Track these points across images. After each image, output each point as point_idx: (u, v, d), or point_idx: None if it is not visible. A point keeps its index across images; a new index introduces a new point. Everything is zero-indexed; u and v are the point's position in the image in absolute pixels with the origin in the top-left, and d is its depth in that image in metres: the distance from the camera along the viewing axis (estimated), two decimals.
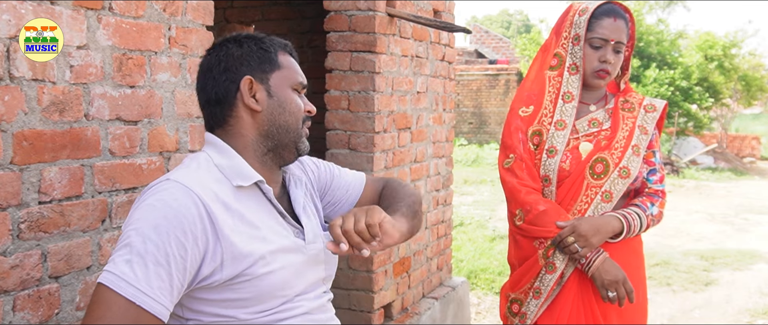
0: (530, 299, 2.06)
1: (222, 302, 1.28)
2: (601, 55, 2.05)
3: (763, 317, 5.00)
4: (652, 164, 2.11)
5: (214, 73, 1.38)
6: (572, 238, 1.95)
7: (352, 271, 3.27)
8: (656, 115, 2.12)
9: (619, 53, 2.07)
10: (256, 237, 1.29)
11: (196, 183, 1.26)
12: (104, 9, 1.65)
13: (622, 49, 2.08)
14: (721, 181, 13.58)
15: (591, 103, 2.14)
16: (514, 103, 2.19)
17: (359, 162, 3.21)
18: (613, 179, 2.01)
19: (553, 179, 2.05)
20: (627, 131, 2.06)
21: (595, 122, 2.11)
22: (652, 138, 2.12)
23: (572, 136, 2.08)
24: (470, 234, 7.37)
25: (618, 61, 2.07)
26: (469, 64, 20.12)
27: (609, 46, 2.04)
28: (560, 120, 2.08)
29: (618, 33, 2.04)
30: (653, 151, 2.13)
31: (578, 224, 1.95)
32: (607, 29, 2.04)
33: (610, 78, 2.09)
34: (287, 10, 4.48)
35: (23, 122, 1.47)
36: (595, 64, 2.06)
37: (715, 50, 16.04)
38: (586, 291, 2.01)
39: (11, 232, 1.45)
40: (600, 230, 1.97)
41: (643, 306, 2.12)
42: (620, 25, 2.05)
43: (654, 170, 2.11)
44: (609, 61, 2.04)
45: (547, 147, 2.06)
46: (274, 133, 1.39)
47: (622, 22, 2.05)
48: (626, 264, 2.03)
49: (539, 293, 2.03)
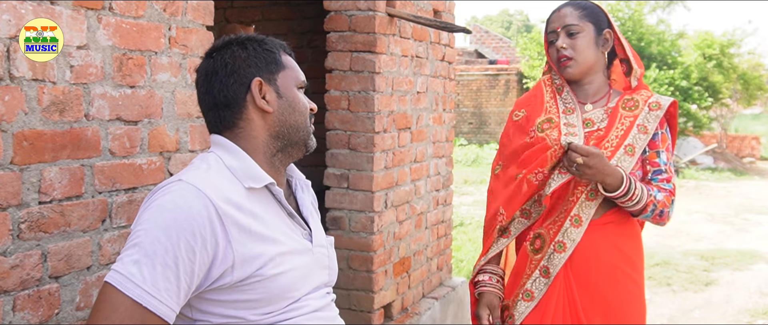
0: (520, 302, 2.05)
1: (231, 303, 1.28)
2: (557, 45, 2.06)
3: (763, 317, 5.00)
4: (656, 165, 2.05)
5: (221, 76, 1.37)
6: (581, 160, 1.89)
7: (352, 271, 3.27)
8: (660, 113, 2.04)
9: (573, 35, 2.04)
10: (267, 239, 1.30)
11: (207, 185, 1.25)
12: (104, 9, 1.65)
13: (578, 30, 2.03)
14: (720, 181, 13.58)
15: (587, 102, 2.11)
16: (512, 109, 2.25)
17: (359, 162, 3.21)
18: None
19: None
20: (622, 131, 2.02)
21: (590, 122, 2.08)
22: (656, 138, 2.05)
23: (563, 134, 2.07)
24: (470, 234, 7.37)
25: (577, 44, 2.04)
26: (469, 64, 20.13)
27: (560, 35, 2.05)
28: (549, 118, 2.10)
29: (561, 18, 2.06)
30: (657, 151, 2.05)
31: (593, 154, 1.89)
32: (553, 21, 2.08)
33: (578, 64, 2.04)
34: (287, 10, 4.49)
35: (23, 122, 1.47)
36: (554, 55, 2.07)
37: (713, 49, 16.04)
38: (570, 291, 2.01)
39: (11, 232, 1.45)
40: (603, 171, 1.90)
41: (639, 307, 2.08)
42: (564, 12, 2.06)
43: (659, 170, 2.05)
44: (560, 46, 2.04)
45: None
46: (284, 134, 1.39)
47: (568, 8, 2.07)
48: (626, 263, 2.02)
49: (531, 296, 2.03)
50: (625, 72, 2.17)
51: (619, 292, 2.02)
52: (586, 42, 2.04)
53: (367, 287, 3.26)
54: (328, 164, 3.29)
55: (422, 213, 3.78)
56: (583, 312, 2.00)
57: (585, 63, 2.05)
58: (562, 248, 2.00)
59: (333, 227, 3.28)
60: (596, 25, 2.07)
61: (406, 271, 3.62)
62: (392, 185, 3.39)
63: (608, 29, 2.09)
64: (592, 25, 2.05)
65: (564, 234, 2.00)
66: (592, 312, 2.00)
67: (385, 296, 3.38)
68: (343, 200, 3.27)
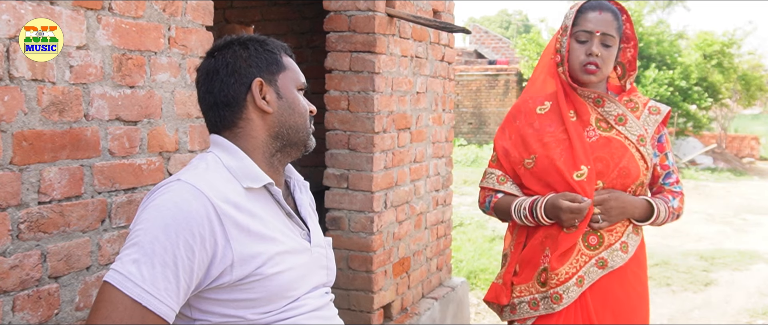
0: (571, 287, 1.99)
1: (231, 303, 1.28)
2: (587, 48, 2.01)
3: (762, 318, 5.00)
4: (667, 168, 2.11)
5: (222, 75, 1.37)
6: (598, 209, 1.97)
7: (352, 271, 3.27)
8: (659, 118, 2.09)
9: (608, 47, 2.01)
10: (266, 238, 1.30)
11: (205, 184, 1.26)
12: (104, 9, 1.65)
13: (612, 43, 2.02)
14: (720, 181, 13.58)
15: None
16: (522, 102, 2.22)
17: (359, 162, 3.21)
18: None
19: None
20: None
21: (599, 118, 2.08)
22: (662, 140, 2.11)
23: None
24: (470, 234, 7.37)
25: (608, 56, 2.02)
26: (468, 64, 20.13)
27: (595, 38, 2.00)
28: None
29: (604, 25, 2.00)
30: (666, 153, 2.12)
31: (607, 199, 1.97)
32: (592, 22, 2.01)
33: (602, 74, 2.03)
34: (287, 10, 4.49)
35: (23, 122, 1.47)
36: (582, 57, 2.01)
37: (714, 49, 16.04)
38: (585, 307, 2.01)
39: (11, 232, 1.45)
40: (625, 210, 2.00)
41: (646, 306, 2.10)
42: (607, 18, 2.01)
43: (669, 173, 2.11)
44: (594, 53, 1.99)
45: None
46: (284, 134, 1.40)
47: (610, 15, 2.02)
48: (633, 261, 2.04)
49: (582, 281, 2.00)
50: (619, 75, 2.19)
51: (627, 291, 2.03)
52: (613, 55, 2.05)
53: (366, 287, 3.26)
54: (328, 164, 3.29)
55: (422, 213, 3.78)
56: (594, 313, 2.00)
57: (605, 74, 2.07)
58: (626, 249, 2.03)
59: (332, 227, 3.28)
60: (620, 39, 2.09)
61: (406, 271, 3.62)
62: (392, 186, 3.39)
63: (624, 44, 2.12)
64: (618, 39, 2.06)
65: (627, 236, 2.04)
66: (603, 312, 2.01)
67: (385, 296, 3.38)
68: (342, 200, 3.27)
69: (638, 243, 2.06)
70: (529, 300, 2.07)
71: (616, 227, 2.03)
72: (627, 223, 2.04)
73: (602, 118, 2.06)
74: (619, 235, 2.03)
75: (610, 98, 2.06)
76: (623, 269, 2.02)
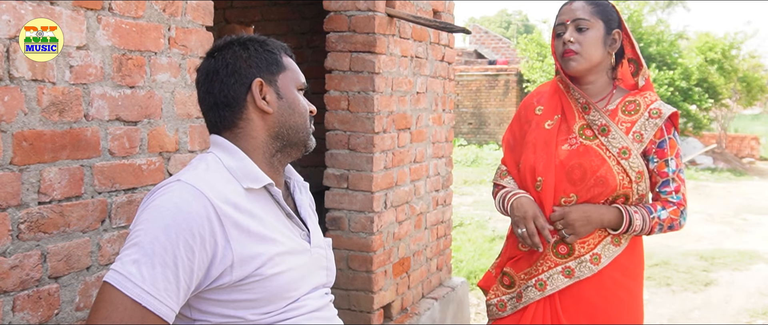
0: (531, 287, 2.04)
1: (230, 303, 1.28)
2: (564, 38, 2.00)
3: (762, 318, 5.00)
4: (665, 175, 2.00)
5: (222, 75, 1.37)
6: (560, 225, 1.97)
7: (352, 271, 3.27)
8: (659, 121, 1.99)
9: (582, 30, 1.99)
10: (266, 238, 1.30)
11: (205, 185, 1.26)
12: (104, 9, 1.65)
13: (587, 26, 1.98)
14: (720, 181, 13.58)
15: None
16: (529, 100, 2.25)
17: (359, 162, 3.21)
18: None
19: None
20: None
21: (584, 125, 2.05)
22: (663, 146, 2.00)
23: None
24: (470, 234, 7.37)
25: (585, 39, 1.98)
26: (468, 64, 20.12)
27: (568, 27, 1.99)
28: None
29: (572, 12, 2.00)
30: (666, 160, 1.99)
31: (568, 212, 1.96)
32: (563, 13, 2.03)
33: (583, 59, 1.99)
34: (287, 11, 4.49)
35: (23, 123, 1.47)
36: (560, 48, 2.01)
37: (715, 52, 16.04)
38: (554, 312, 2.03)
39: (11, 232, 1.45)
40: (590, 220, 1.96)
41: (631, 315, 2.06)
42: (576, 5, 2.01)
43: (667, 181, 2.00)
44: (567, 39, 1.98)
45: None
46: (284, 134, 1.40)
47: (580, 2, 2.01)
48: (617, 270, 2.01)
49: (544, 286, 2.02)
50: (632, 72, 2.11)
51: (605, 298, 2.00)
52: (594, 39, 1.99)
53: (366, 287, 3.26)
54: (328, 164, 3.29)
55: (422, 213, 3.78)
56: (563, 313, 2.01)
57: (589, 60, 1.99)
58: (597, 261, 2.01)
59: (332, 228, 3.28)
60: (606, 24, 2.02)
61: (406, 271, 3.62)
62: (392, 186, 3.39)
63: (618, 30, 2.04)
64: (602, 22, 2.00)
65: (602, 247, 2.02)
66: (575, 314, 2.00)
67: (385, 296, 3.38)
68: (342, 200, 3.27)
69: (618, 253, 2.00)
70: (496, 303, 2.14)
71: (588, 239, 1.99)
72: (604, 234, 2.00)
73: (588, 125, 2.03)
74: (592, 246, 1.99)
75: (597, 107, 2.02)
76: (598, 277, 1.99)
